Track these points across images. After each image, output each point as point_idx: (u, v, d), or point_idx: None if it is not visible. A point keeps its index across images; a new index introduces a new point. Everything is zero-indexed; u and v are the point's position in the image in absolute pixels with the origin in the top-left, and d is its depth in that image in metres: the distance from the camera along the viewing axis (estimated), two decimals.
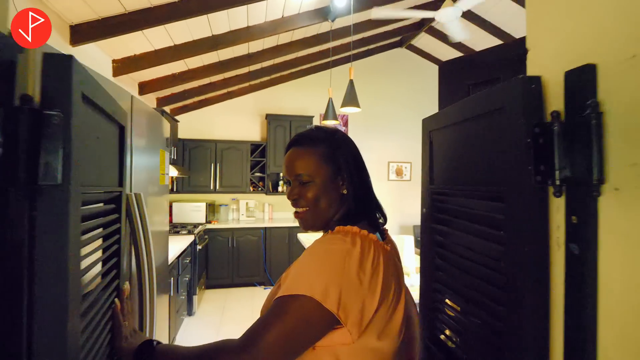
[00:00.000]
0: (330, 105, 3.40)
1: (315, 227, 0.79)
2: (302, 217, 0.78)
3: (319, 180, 0.75)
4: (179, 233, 3.58)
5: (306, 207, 0.76)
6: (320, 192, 0.75)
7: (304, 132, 0.82)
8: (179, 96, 4.30)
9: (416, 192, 5.65)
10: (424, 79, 5.86)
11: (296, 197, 0.77)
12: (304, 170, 0.75)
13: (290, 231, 4.64)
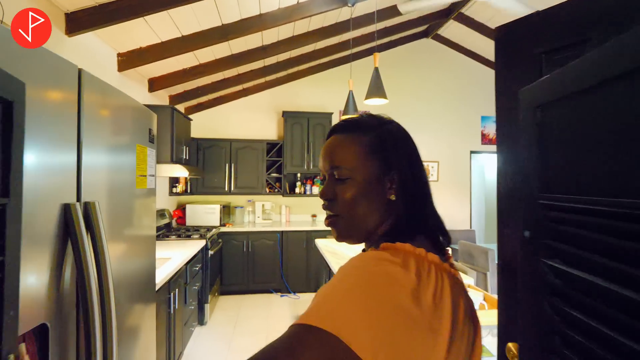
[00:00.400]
0: (351, 98, 3.10)
1: (352, 239, 0.61)
2: (335, 225, 0.60)
3: (361, 178, 0.57)
4: (190, 237, 3.38)
5: (341, 211, 0.59)
6: (361, 192, 0.57)
7: (351, 118, 0.65)
8: (192, 93, 4.12)
9: (445, 194, 5.26)
10: (452, 72, 5.44)
11: (330, 197, 0.60)
12: (344, 162, 0.58)
13: (308, 235, 4.37)
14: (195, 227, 3.99)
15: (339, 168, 0.58)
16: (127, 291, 1.09)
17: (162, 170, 3.28)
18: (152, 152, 1.24)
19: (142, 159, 1.12)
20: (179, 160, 3.52)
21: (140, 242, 1.22)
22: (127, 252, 1.08)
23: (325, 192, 0.60)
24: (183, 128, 3.68)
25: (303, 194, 4.74)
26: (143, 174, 1.13)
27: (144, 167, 1.13)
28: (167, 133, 3.30)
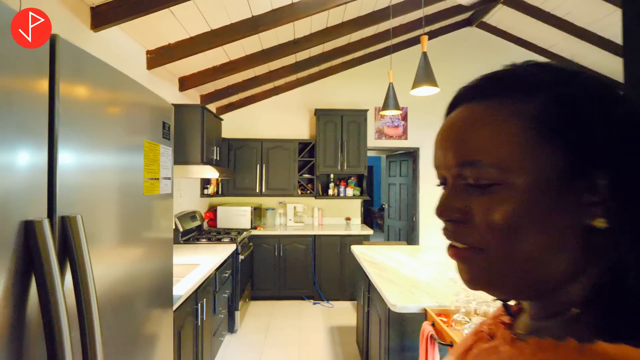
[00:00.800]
0: (391, 91, 2.81)
1: (502, 291, 0.33)
2: (471, 262, 0.34)
3: (525, 183, 0.30)
4: (221, 241, 3.25)
5: (484, 242, 0.32)
6: (527, 211, 0.30)
7: (498, 71, 0.38)
8: (223, 92, 4.02)
9: None
10: (500, 63, 4.94)
11: (459, 217, 0.34)
12: (488, 153, 0.31)
13: (343, 240, 4.12)
14: (226, 230, 3.87)
15: (478, 164, 0.32)
16: (136, 304, 0.91)
17: (193, 171, 3.17)
18: (168, 151, 1.06)
19: (153, 158, 0.94)
20: (210, 161, 3.40)
21: (149, 257, 1.04)
22: (131, 268, 0.90)
23: (449, 207, 0.35)
24: (214, 128, 3.57)
25: (336, 196, 4.50)
26: (154, 177, 0.94)
27: (156, 169, 0.95)
28: (198, 133, 3.19)
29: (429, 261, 2.59)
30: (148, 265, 1.01)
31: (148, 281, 1.01)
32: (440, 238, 3.47)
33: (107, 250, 0.78)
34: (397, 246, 3.21)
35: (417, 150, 4.86)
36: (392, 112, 2.82)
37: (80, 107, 0.69)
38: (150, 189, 0.94)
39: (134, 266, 0.92)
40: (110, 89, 0.82)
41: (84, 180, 0.68)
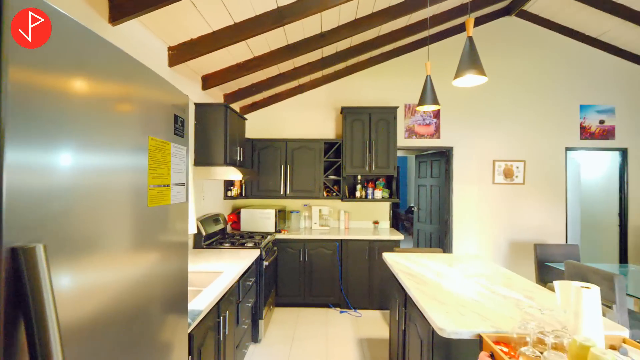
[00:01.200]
0: (428, 84, 2.56)
1: None
2: None
3: None
4: (244, 246, 3.10)
5: None
6: None
7: None
8: (246, 91, 3.89)
9: (533, 198, 4.41)
10: (542, 53, 4.57)
11: None
12: None
13: (371, 245, 3.88)
14: (250, 234, 3.73)
15: None
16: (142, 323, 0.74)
17: (216, 173, 3.04)
18: (182, 151, 0.88)
19: (161, 160, 0.76)
20: (233, 162, 3.27)
21: (159, 281, 0.87)
22: (136, 309, 0.73)
23: None
24: (237, 128, 3.43)
25: (364, 198, 4.27)
26: (162, 183, 0.76)
27: (165, 173, 0.77)
28: (221, 133, 3.06)
29: (472, 273, 2.32)
30: (158, 306, 0.84)
31: (157, 319, 0.84)
32: (475, 244, 3.22)
33: (89, 291, 0.61)
34: (433, 254, 2.94)
35: (450, 150, 4.54)
36: (430, 108, 2.56)
37: (43, 94, 0.52)
38: (157, 199, 0.76)
39: (141, 303, 0.75)
40: (98, 67, 0.65)
41: (52, 192, 0.51)
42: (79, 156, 0.58)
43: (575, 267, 2.88)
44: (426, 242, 5.13)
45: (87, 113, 0.60)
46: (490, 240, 4.54)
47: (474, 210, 4.54)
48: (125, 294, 0.71)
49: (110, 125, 0.66)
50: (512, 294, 1.90)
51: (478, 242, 4.53)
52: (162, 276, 0.86)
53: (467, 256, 2.88)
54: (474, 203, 4.54)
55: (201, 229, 3.03)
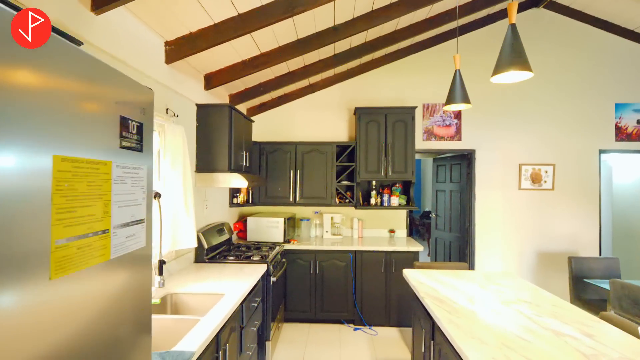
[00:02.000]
0: (457, 80, 2.25)
1: None
2: None
3: None
4: (250, 259, 2.84)
5: None
6: None
7: None
8: (253, 91, 3.63)
9: (563, 205, 4.05)
10: (573, 48, 4.20)
11: None
12: None
13: (387, 257, 3.58)
14: (257, 244, 3.47)
15: None
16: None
17: (219, 180, 2.79)
18: (138, 172, 0.59)
19: (86, 192, 0.47)
20: (238, 168, 3.01)
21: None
22: None
23: None
24: (243, 131, 3.18)
25: (379, 205, 3.97)
26: (93, 231, 0.48)
27: (98, 211, 0.48)
28: (225, 137, 2.81)
29: (510, 298, 2.01)
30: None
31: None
32: (499, 255, 2.84)
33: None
34: (459, 271, 2.63)
35: (472, 153, 4.21)
36: (460, 107, 2.26)
37: None
38: (75, 261, 0.47)
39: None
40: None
41: None
42: None
43: (623, 287, 2.53)
44: (444, 251, 4.79)
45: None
46: (516, 250, 4.18)
47: (498, 217, 4.19)
48: None
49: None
50: (566, 330, 1.58)
51: (502, 252, 4.18)
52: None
53: (498, 274, 2.55)
54: (499, 210, 4.19)
55: (203, 242, 2.77)
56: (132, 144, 0.59)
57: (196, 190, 2.88)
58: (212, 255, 2.89)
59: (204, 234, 2.83)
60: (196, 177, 2.84)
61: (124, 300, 0.61)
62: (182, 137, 2.37)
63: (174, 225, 2.33)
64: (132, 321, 0.61)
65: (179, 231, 2.37)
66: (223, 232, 3.22)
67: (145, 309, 0.65)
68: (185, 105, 2.67)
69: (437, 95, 4.22)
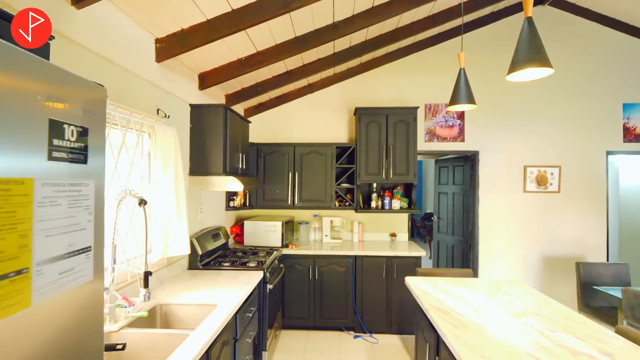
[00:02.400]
0: (462, 79, 2.14)
1: None
2: None
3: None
4: (246, 265, 2.73)
5: None
6: None
7: None
8: (250, 91, 3.52)
9: (569, 208, 3.94)
10: (579, 46, 4.09)
11: None
12: None
13: (389, 262, 3.46)
14: (254, 249, 3.36)
15: None
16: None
17: (213, 184, 2.68)
18: (80, 189, 0.45)
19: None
20: (234, 171, 2.90)
21: None
22: None
23: None
24: (239, 132, 3.07)
25: (380, 208, 3.86)
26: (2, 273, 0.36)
27: (8, 245, 0.36)
28: (219, 138, 2.70)
29: (520, 309, 1.89)
30: None
31: None
32: (504, 260, 2.72)
33: None
34: (463, 279, 2.52)
35: (476, 154, 4.10)
36: (465, 107, 2.15)
37: None
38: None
39: None
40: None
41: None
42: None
43: (637, 296, 2.41)
44: (447, 255, 4.68)
45: None
46: (521, 255, 4.07)
47: (502, 221, 4.08)
48: None
49: None
50: (582, 347, 1.47)
51: (507, 257, 4.06)
52: None
53: (505, 282, 2.44)
54: (503, 213, 4.08)
55: (197, 248, 2.66)
56: (70, 155, 0.47)
57: (190, 194, 2.77)
58: (207, 262, 2.78)
59: (198, 239, 2.72)
60: (190, 181, 2.73)
61: (60, 353, 0.49)
62: (174, 139, 2.27)
63: (166, 231, 2.22)
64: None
65: (171, 237, 2.26)
66: (219, 237, 3.11)
67: (96, 355, 0.54)
68: (178, 106, 2.56)
69: (439, 96, 4.11)
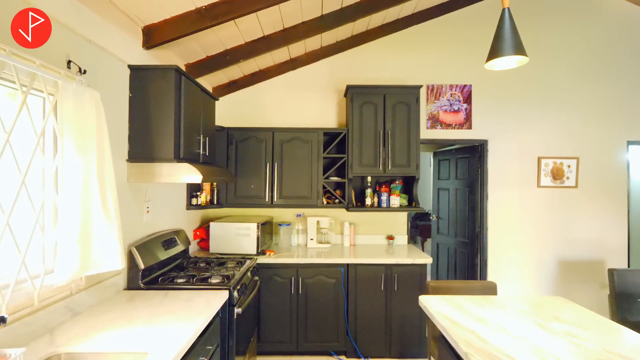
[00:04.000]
0: (506, 22, 1.53)
1: None
2: None
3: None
4: (207, 282, 2.05)
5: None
6: None
7: None
8: (218, 61, 2.83)
9: (588, 204, 3.47)
10: (599, 25, 3.61)
11: None
12: None
13: (388, 272, 2.85)
14: (221, 259, 2.68)
15: None
16: None
17: (160, 173, 1.99)
18: None
19: None
20: (192, 157, 2.21)
21: None
22: None
23: None
24: (200, 108, 2.38)
25: (376, 206, 3.24)
26: None
27: None
28: (170, 112, 2.00)
29: (598, 352, 1.31)
30: None
31: None
32: (515, 264, 1.86)
33: None
34: (493, 298, 1.93)
35: (484, 144, 3.55)
36: (510, 61, 1.54)
37: None
38: None
39: None
40: None
41: None
42: None
43: None
44: (449, 260, 4.13)
45: None
46: (534, 259, 3.55)
47: (514, 220, 3.55)
48: None
49: None
50: None
51: (519, 262, 3.54)
52: None
53: (546, 301, 1.87)
54: (515, 212, 3.55)
55: (137, 260, 1.96)
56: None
57: (130, 187, 2.06)
58: (153, 278, 2.08)
59: (141, 248, 2.02)
60: (129, 169, 2.02)
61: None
62: (97, 107, 1.56)
63: (83, 239, 1.51)
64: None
65: (94, 247, 1.56)
66: (174, 244, 2.40)
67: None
68: (108, 65, 1.85)
69: (443, 75, 3.54)
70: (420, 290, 2.85)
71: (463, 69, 3.53)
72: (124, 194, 1.99)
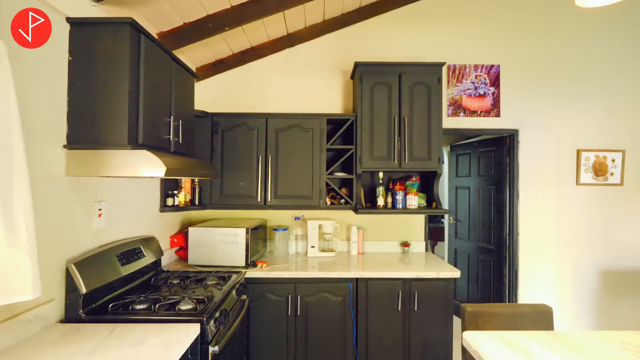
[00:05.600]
0: None
1: None
2: None
3: None
4: (176, 309, 1.53)
5: None
6: None
7: None
8: (199, 29, 2.31)
9: (637, 205, 2.95)
10: None
11: None
12: None
13: (406, 287, 2.33)
14: (199, 274, 2.16)
15: None
16: None
17: (113, 163, 1.47)
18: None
19: None
20: (157, 144, 1.69)
21: None
22: None
23: None
24: (170, 82, 1.86)
25: (390, 207, 2.73)
26: None
27: None
28: (124, 83, 1.48)
29: None
30: None
31: None
32: (549, 275, 1.27)
33: None
34: (569, 333, 1.42)
35: (514, 135, 3.03)
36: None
37: None
38: None
39: None
40: None
41: None
42: None
43: None
44: (470, 268, 3.61)
45: None
46: (573, 269, 3.04)
47: (549, 224, 3.03)
48: None
49: None
50: None
51: (551, 272, 3.02)
52: None
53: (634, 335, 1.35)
54: (550, 214, 3.03)
55: (77, 282, 1.44)
56: None
57: (70, 183, 1.53)
58: (103, 303, 1.56)
59: (84, 265, 1.49)
60: (67, 158, 1.50)
61: None
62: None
63: None
64: None
65: None
66: (137, 256, 1.88)
67: None
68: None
69: (467, 53, 3.02)
70: (445, 311, 2.33)
71: (490, 47, 3.02)
72: (60, 191, 1.47)
